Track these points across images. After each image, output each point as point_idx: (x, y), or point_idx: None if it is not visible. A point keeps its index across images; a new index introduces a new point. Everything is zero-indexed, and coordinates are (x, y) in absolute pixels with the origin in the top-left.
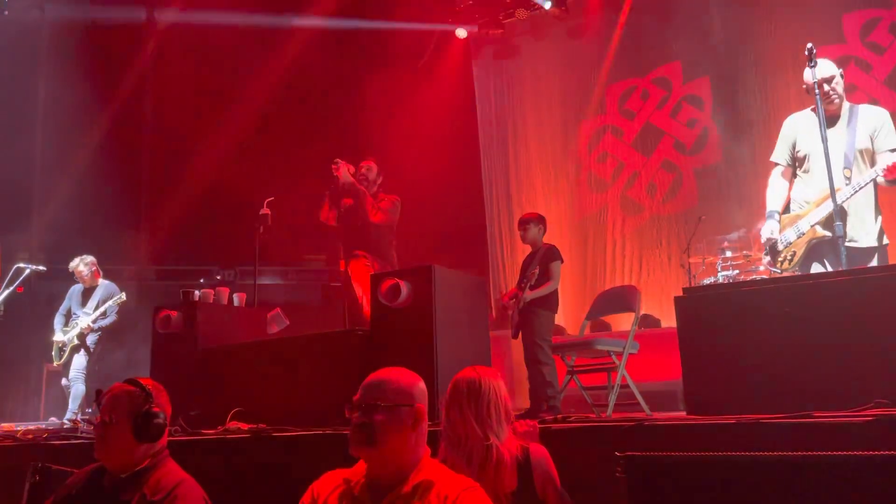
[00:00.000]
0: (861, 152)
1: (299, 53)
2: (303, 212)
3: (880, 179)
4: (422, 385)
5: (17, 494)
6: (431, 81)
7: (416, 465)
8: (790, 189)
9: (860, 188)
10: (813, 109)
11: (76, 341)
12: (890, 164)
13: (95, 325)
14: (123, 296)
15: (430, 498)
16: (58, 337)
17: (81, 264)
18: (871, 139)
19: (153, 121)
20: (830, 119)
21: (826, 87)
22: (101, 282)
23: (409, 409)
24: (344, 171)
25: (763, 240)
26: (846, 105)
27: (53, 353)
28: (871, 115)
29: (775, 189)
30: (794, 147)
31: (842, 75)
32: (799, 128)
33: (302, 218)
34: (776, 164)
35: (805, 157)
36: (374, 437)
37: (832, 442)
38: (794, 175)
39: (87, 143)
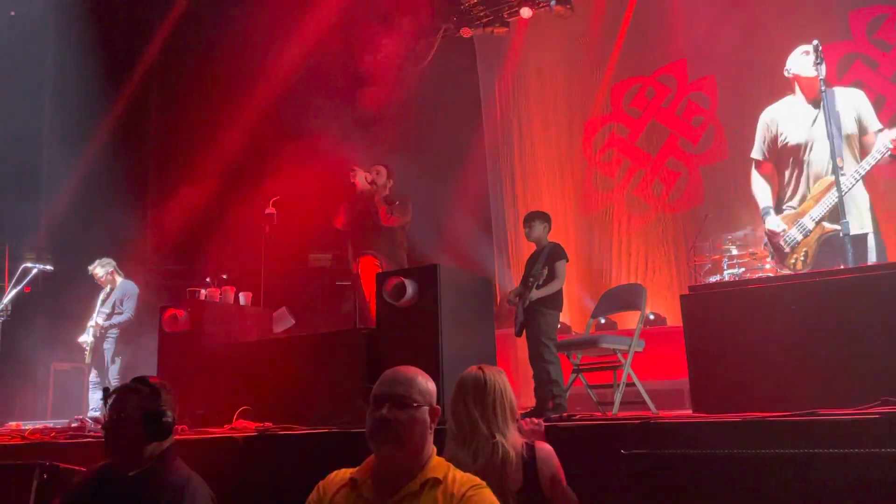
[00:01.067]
0: (849, 138)
1: (306, 50)
2: (309, 210)
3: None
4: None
5: (25, 493)
6: (436, 80)
7: (426, 463)
8: (776, 184)
9: (861, 176)
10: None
11: (92, 339)
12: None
13: (106, 324)
14: (109, 288)
15: (437, 496)
16: (81, 338)
17: (98, 267)
18: (857, 123)
19: (160, 119)
20: (814, 104)
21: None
22: (120, 282)
23: (430, 409)
24: (361, 179)
25: (772, 230)
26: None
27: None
28: (850, 99)
29: (761, 186)
30: (774, 140)
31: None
32: (779, 120)
33: (308, 216)
34: (756, 161)
35: (793, 149)
36: (402, 434)
37: (838, 440)
38: (781, 169)
39: (94, 144)
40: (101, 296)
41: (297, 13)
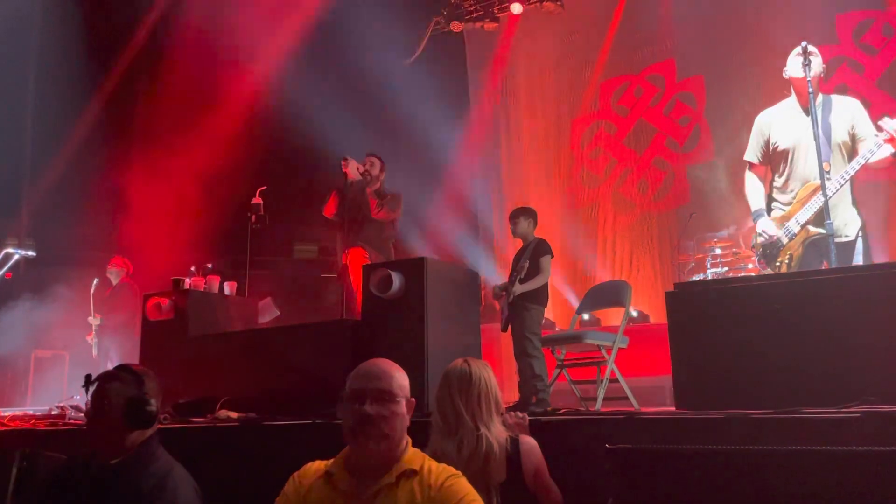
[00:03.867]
0: (839, 145)
1: (294, 40)
2: (295, 201)
3: (886, 149)
4: None
5: (5, 480)
6: (425, 75)
7: (401, 455)
8: (767, 186)
9: (848, 178)
10: (787, 102)
11: (95, 339)
12: (889, 135)
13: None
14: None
15: (414, 487)
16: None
17: (113, 271)
18: (850, 132)
19: (145, 105)
20: (806, 110)
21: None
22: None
23: (407, 401)
24: (353, 168)
25: (761, 239)
26: (819, 96)
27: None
28: (845, 107)
29: (754, 188)
30: (767, 143)
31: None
32: (773, 123)
33: (294, 207)
34: (750, 164)
35: (783, 153)
36: (385, 429)
37: (820, 437)
38: (772, 172)
39: (78, 129)
40: (92, 290)
41: (287, 6)
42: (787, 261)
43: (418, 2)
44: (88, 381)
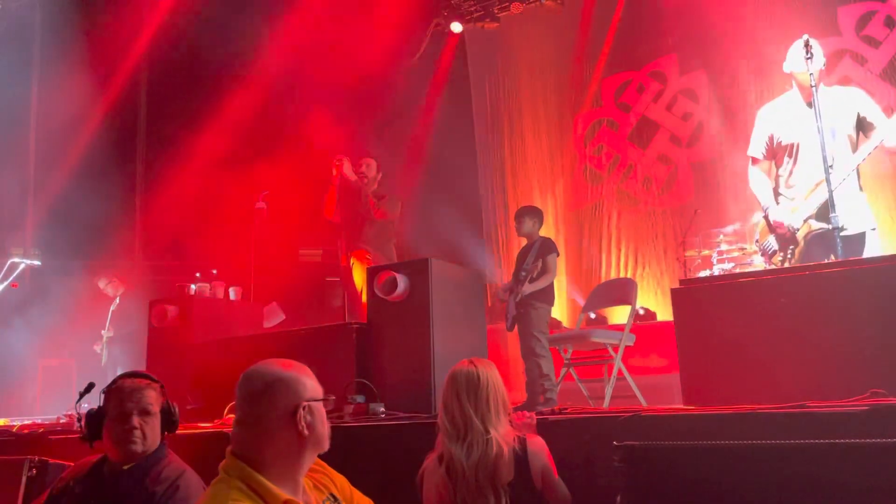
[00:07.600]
0: (846, 137)
1: (292, 48)
2: (299, 206)
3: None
4: None
5: (15, 488)
6: (426, 76)
7: None
8: (774, 181)
9: (851, 170)
10: (787, 96)
11: (105, 347)
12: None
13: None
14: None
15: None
16: (97, 348)
17: (103, 282)
18: (857, 121)
19: (149, 113)
20: (808, 104)
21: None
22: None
23: None
24: (346, 168)
25: (780, 231)
26: (822, 88)
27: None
28: (848, 98)
29: (761, 184)
30: (771, 138)
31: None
32: (775, 118)
33: (298, 212)
34: (754, 159)
35: (787, 147)
36: None
37: (828, 432)
38: (776, 166)
39: (81, 138)
40: (112, 307)
41: (288, 6)
42: (789, 255)
43: (418, 2)
44: (89, 389)
